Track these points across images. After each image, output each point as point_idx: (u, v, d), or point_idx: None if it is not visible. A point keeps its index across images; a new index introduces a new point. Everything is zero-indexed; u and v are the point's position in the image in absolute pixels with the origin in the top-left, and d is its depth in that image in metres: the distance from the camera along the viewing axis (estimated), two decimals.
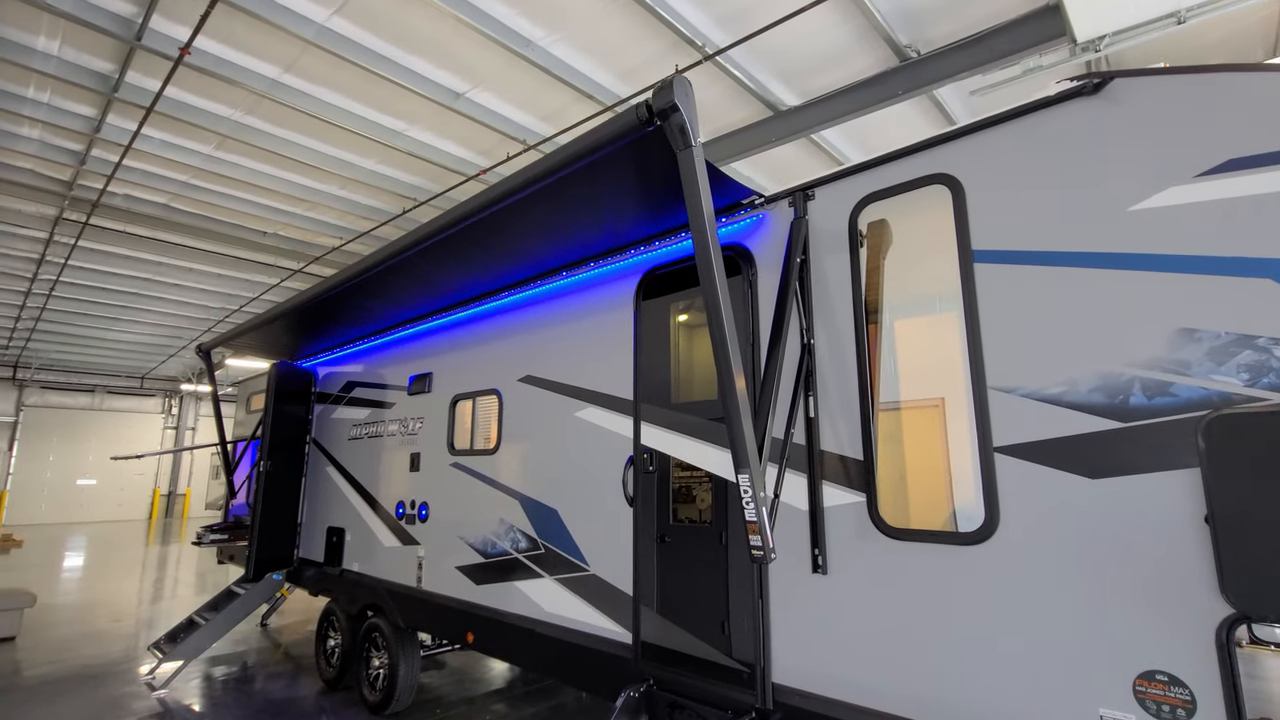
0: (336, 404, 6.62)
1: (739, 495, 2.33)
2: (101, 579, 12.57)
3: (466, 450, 4.78)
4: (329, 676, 6.02)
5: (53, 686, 6.08)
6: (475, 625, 4.36)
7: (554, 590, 3.83)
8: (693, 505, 3.22)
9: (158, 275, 16.71)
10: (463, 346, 5.02)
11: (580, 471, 3.82)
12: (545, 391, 4.16)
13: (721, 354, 2.31)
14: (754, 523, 2.29)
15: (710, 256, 2.32)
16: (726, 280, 3.16)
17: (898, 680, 2.42)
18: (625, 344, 3.68)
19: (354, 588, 5.73)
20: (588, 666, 3.55)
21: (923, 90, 7.28)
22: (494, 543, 4.34)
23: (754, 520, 2.29)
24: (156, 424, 29.72)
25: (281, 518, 6.60)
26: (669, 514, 3.32)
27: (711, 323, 2.33)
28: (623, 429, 3.60)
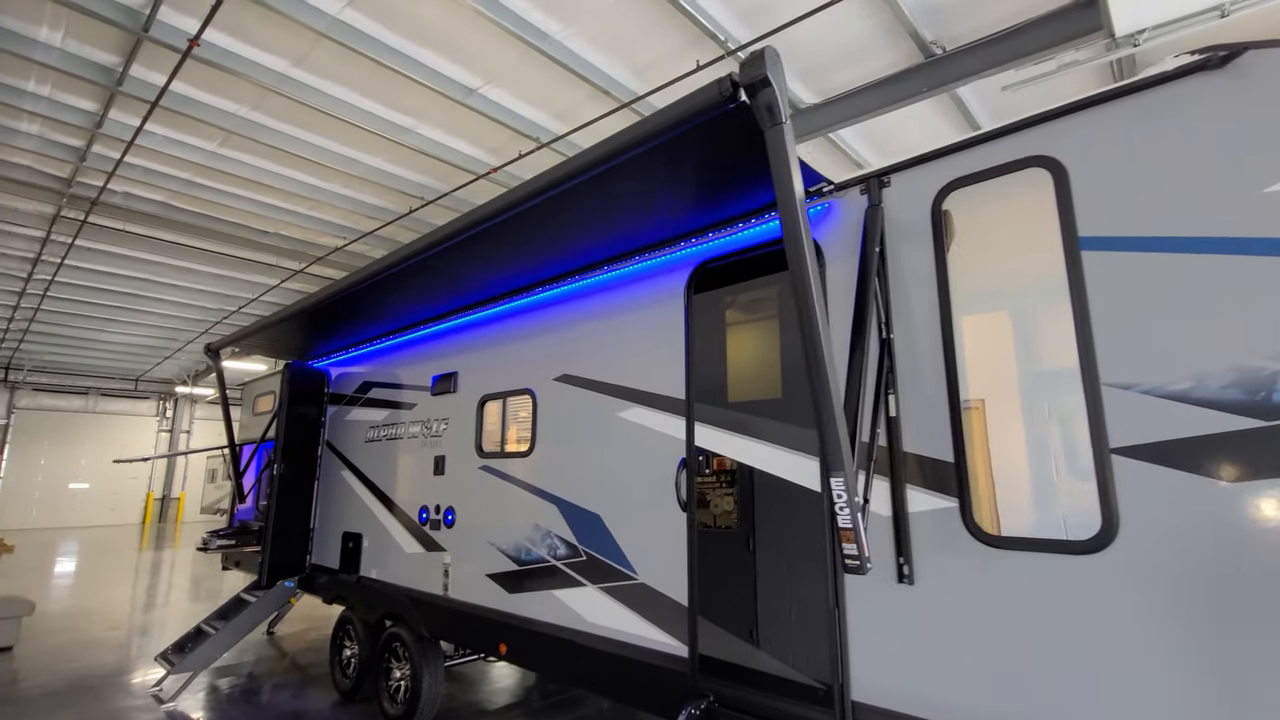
0: (352, 405, 6.42)
1: (830, 500, 2.16)
2: (96, 585, 12.27)
3: (497, 453, 4.59)
4: (345, 688, 5.81)
5: (54, 698, 5.84)
6: (509, 636, 4.17)
7: (597, 599, 3.65)
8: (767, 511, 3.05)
9: (155, 275, 16.42)
10: (491, 345, 4.84)
11: (625, 474, 3.64)
12: (585, 391, 3.98)
13: (813, 348, 2.15)
14: (849, 529, 2.12)
15: (801, 243, 2.15)
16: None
17: (994, 701, 2.25)
18: (675, 341, 3.51)
19: (373, 595, 5.52)
20: (636, 681, 3.36)
21: (948, 88, 7.16)
22: (528, 549, 4.15)
23: (849, 527, 2.12)
24: (151, 427, 29.32)
25: (294, 523, 6.38)
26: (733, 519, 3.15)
27: (802, 315, 2.16)
28: (672, 430, 3.43)
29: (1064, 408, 2.21)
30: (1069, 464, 2.18)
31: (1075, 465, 2.16)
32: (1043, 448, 2.25)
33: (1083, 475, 2.13)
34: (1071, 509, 2.16)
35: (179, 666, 5.74)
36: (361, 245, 14.74)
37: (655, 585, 3.37)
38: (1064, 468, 2.19)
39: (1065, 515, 2.18)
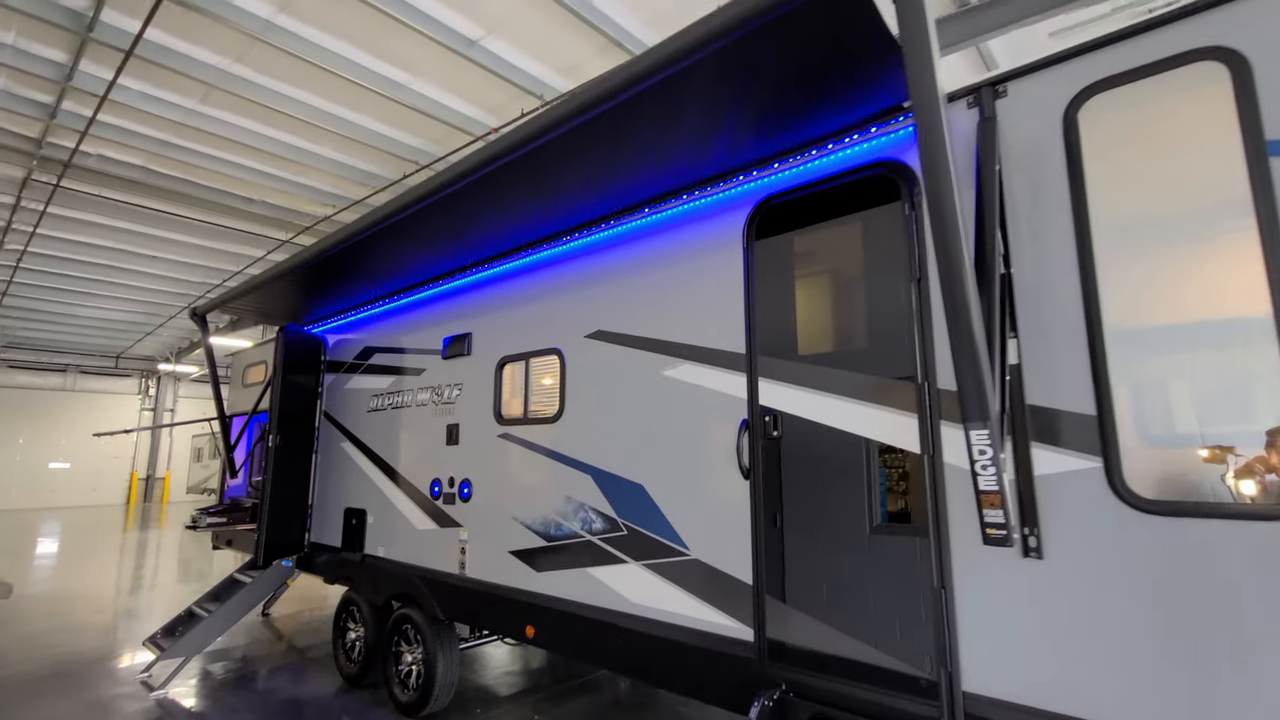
0: (352, 373, 5.97)
1: (971, 458, 1.78)
2: (78, 567, 11.79)
3: (519, 419, 4.19)
4: (350, 673, 5.44)
5: (34, 686, 5.43)
6: (537, 618, 3.80)
7: (642, 578, 3.28)
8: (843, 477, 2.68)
9: (134, 246, 15.70)
10: (510, 302, 4.41)
11: (673, 439, 3.26)
12: (623, 349, 3.58)
13: (954, 273, 1.76)
14: (993, 493, 1.76)
15: (942, 152, 1.76)
16: (885, 205, 2.61)
17: (1144, 695, 1.91)
18: (732, 289, 3.10)
19: (380, 575, 5.14)
20: (690, 668, 3.01)
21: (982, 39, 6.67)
22: (558, 524, 3.77)
23: (993, 489, 1.75)
24: (133, 405, 28.55)
25: (291, 499, 5.96)
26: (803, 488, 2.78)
27: (944, 232, 1.77)
28: (731, 388, 3.04)
29: (1246, 346, 1.84)
30: (1258, 412, 1.82)
31: (1266, 414, 1.80)
32: (1217, 393, 1.89)
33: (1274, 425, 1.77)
34: (1260, 467, 1.80)
35: (169, 651, 5.34)
36: (351, 214, 14.11)
37: (711, 562, 3.00)
38: (1248, 416, 1.83)
39: (1251, 476, 1.82)
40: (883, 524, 2.55)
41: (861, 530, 2.60)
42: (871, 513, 2.59)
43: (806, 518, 2.73)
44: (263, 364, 7.75)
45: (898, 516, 2.64)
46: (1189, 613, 1.87)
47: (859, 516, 2.61)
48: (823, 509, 2.69)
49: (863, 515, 2.61)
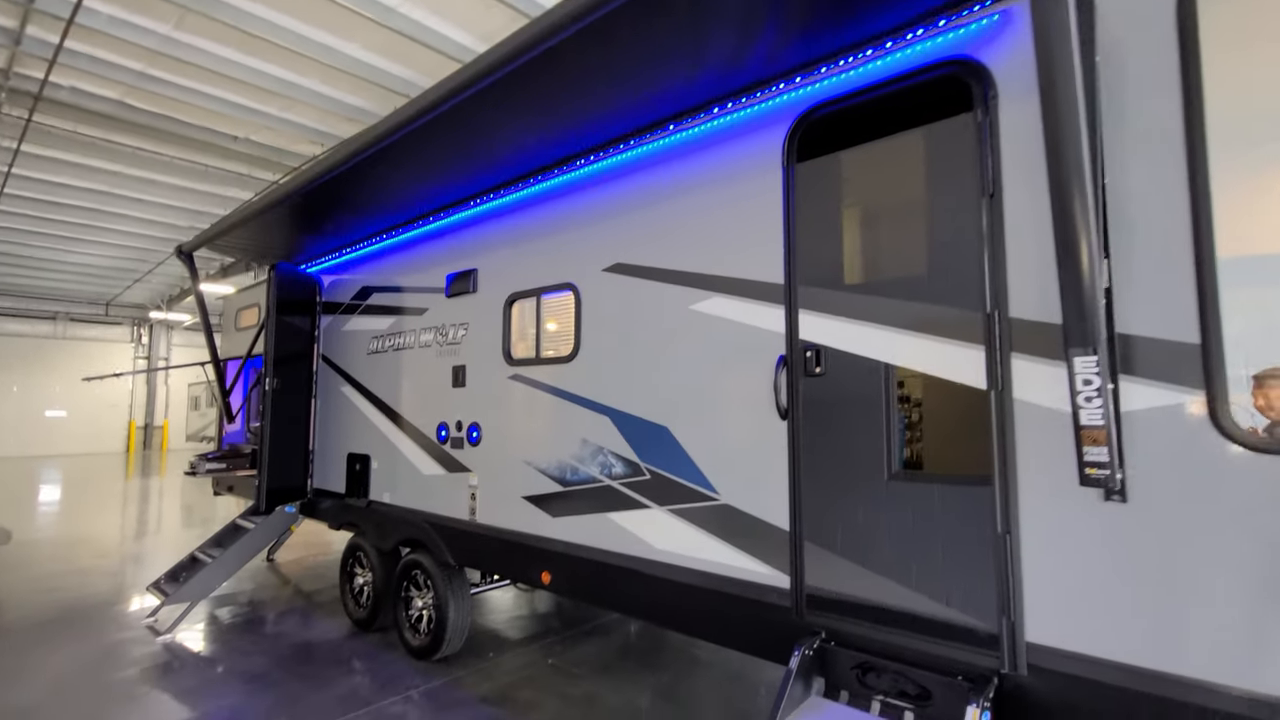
0: (350, 314, 5.70)
1: (1072, 388, 1.56)
2: (80, 514, 11.75)
3: (530, 359, 3.95)
4: (359, 617, 5.38)
5: (38, 632, 5.36)
6: (553, 564, 3.66)
7: (667, 524, 3.12)
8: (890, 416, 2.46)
9: (116, 188, 15.10)
10: (519, 235, 4.11)
11: (701, 378, 3.03)
12: (645, 282, 3.31)
13: (1068, 179, 1.50)
14: (1097, 428, 1.54)
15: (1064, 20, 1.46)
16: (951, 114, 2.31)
17: (1246, 647, 1.74)
18: (770, 214, 2.82)
19: (387, 521, 5.00)
20: (720, 615, 2.87)
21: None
22: (575, 468, 3.58)
23: (1097, 424, 1.54)
24: (126, 353, 28.23)
25: (292, 444, 5.78)
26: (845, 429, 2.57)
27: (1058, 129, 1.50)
28: (767, 321, 2.80)
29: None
30: None
31: None
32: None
33: None
34: None
35: (174, 596, 5.25)
36: None
37: (744, 507, 2.83)
38: None
39: None
40: (900, 470, 2.35)
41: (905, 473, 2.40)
42: (916, 455, 2.39)
43: (849, 460, 2.53)
44: (255, 306, 7.45)
45: (909, 465, 2.48)
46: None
47: (918, 457, 2.41)
48: (866, 450, 2.48)
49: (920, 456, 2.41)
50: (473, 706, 3.96)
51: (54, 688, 4.28)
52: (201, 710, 3.95)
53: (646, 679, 4.38)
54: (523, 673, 4.48)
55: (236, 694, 4.16)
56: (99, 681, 4.38)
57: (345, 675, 4.45)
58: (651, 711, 3.91)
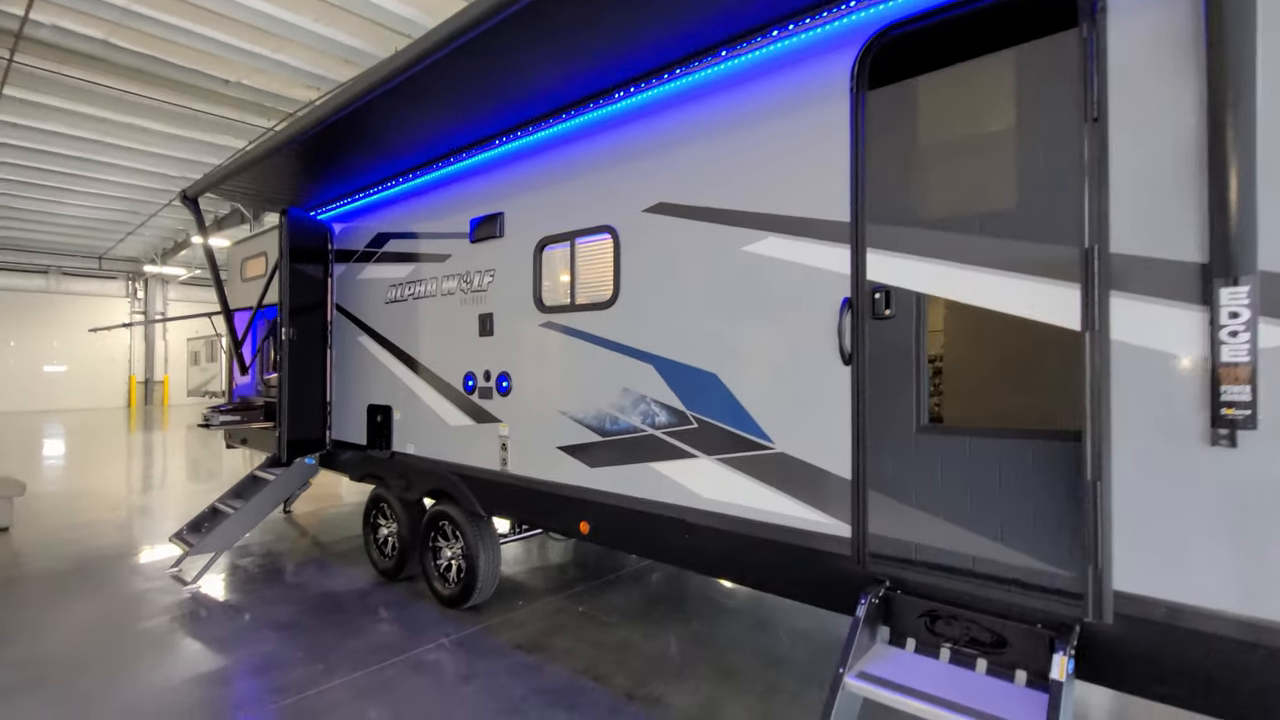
0: (364, 262, 5.51)
1: (1214, 323, 1.44)
2: (88, 467, 11.73)
3: (564, 306, 3.81)
4: (385, 567, 5.38)
5: (62, 581, 5.35)
6: (592, 514, 3.61)
7: (716, 473, 3.04)
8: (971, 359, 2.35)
9: (104, 135, 14.58)
10: (550, 176, 3.91)
11: (755, 324, 2.91)
12: (692, 223, 3.15)
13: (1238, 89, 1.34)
14: (1239, 365, 1.43)
15: None
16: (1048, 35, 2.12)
17: None
18: (833, 147, 2.64)
19: (412, 473, 4.94)
20: (773, 564, 2.82)
21: None
22: (614, 418, 3.49)
23: (1242, 361, 1.42)
24: (122, 308, 27.90)
25: (309, 396, 5.67)
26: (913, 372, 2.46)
27: (1226, 32, 1.33)
28: (829, 262, 2.65)
29: None
30: None
31: None
32: None
33: None
34: None
35: (198, 547, 5.23)
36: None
37: (801, 456, 2.74)
38: None
39: None
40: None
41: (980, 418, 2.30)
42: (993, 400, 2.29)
43: (919, 406, 2.43)
44: (262, 255, 7.24)
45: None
46: None
47: (982, 401, 2.31)
48: (935, 395, 2.38)
49: (985, 400, 2.31)
50: (508, 654, 3.97)
51: (87, 636, 4.28)
52: (235, 657, 3.94)
53: (677, 626, 4.39)
54: (554, 620, 4.49)
55: (269, 642, 4.16)
56: (131, 630, 4.38)
57: (376, 623, 4.46)
58: (685, 658, 3.92)
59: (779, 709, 3.36)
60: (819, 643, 4.13)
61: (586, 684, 3.61)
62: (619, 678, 3.68)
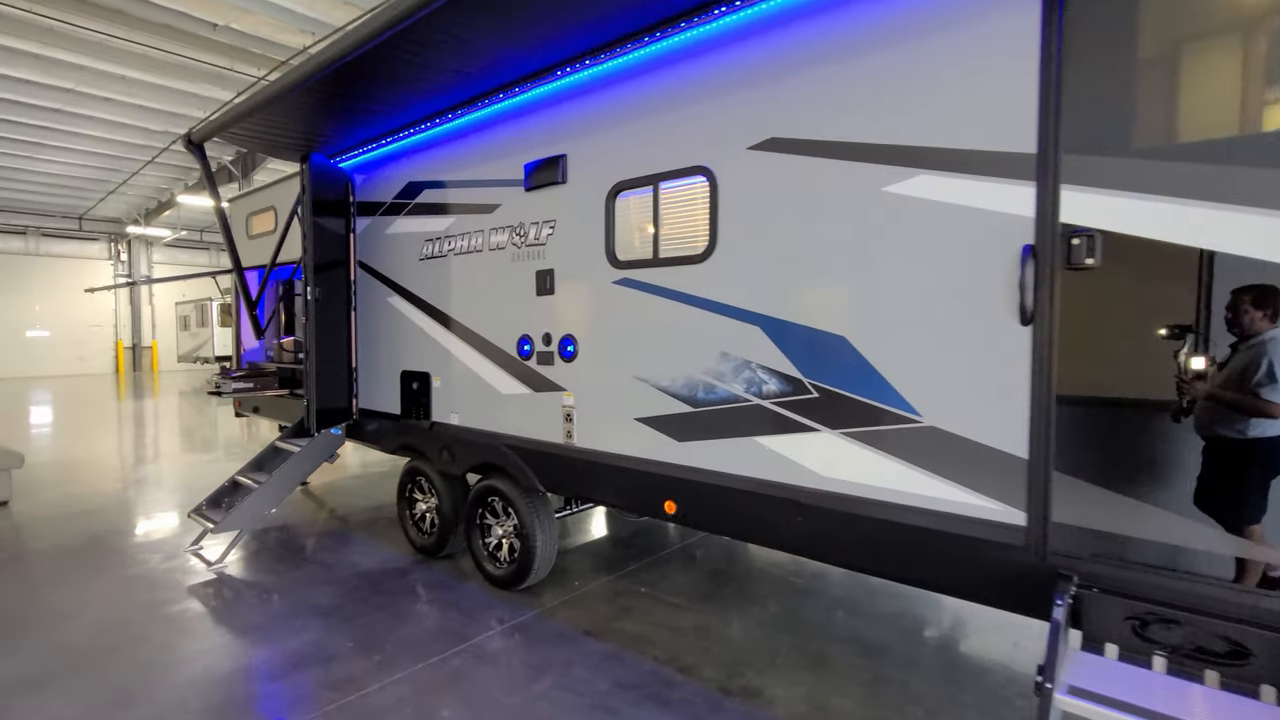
0: (393, 215, 5.02)
1: None
2: (81, 437, 11.25)
3: (645, 260, 3.38)
4: (423, 544, 5.03)
5: (75, 559, 4.96)
6: (680, 493, 3.25)
7: (841, 449, 2.67)
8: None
9: (83, 85, 13.65)
10: (624, 111, 3.43)
11: (899, 277, 2.50)
12: (815, 160, 2.71)
13: None
14: None
15: None
16: None
17: None
18: (1014, 63, 2.20)
19: (456, 445, 4.55)
20: (915, 553, 2.48)
21: None
22: (709, 386, 3.10)
23: None
24: (105, 271, 26.95)
25: (333, 361, 5.23)
26: None
27: None
28: (1002, 203, 2.24)
29: None
30: None
31: None
32: None
33: None
34: None
35: (222, 524, 4.84)
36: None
37: (959, 431, 2.37)
38: None
39: None
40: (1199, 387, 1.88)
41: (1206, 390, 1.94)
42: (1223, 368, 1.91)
43: (1126, 376, 2.06)
44: (270, 210, 6.69)
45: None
46: None
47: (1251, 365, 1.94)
48: (1154, 363, 2.01)
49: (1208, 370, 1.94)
50: (579, 641, 3.65)
51: (114, 622, 3.91)
52: (281, 648, 3.60)
53: (751, 608, 4.10)
54: (616, 603, 4.18)
55: (313, 629, 3.82)
56: (160, 615, 4.01)
57: (425, 607, 4.12)
58: (771, 644, 3.62)
59: (891, 702, 3.07)
60: (906, 626, 3.85)
61: (674, 676, 3.30)
62: (707, 668, 3.38)
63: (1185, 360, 2.19)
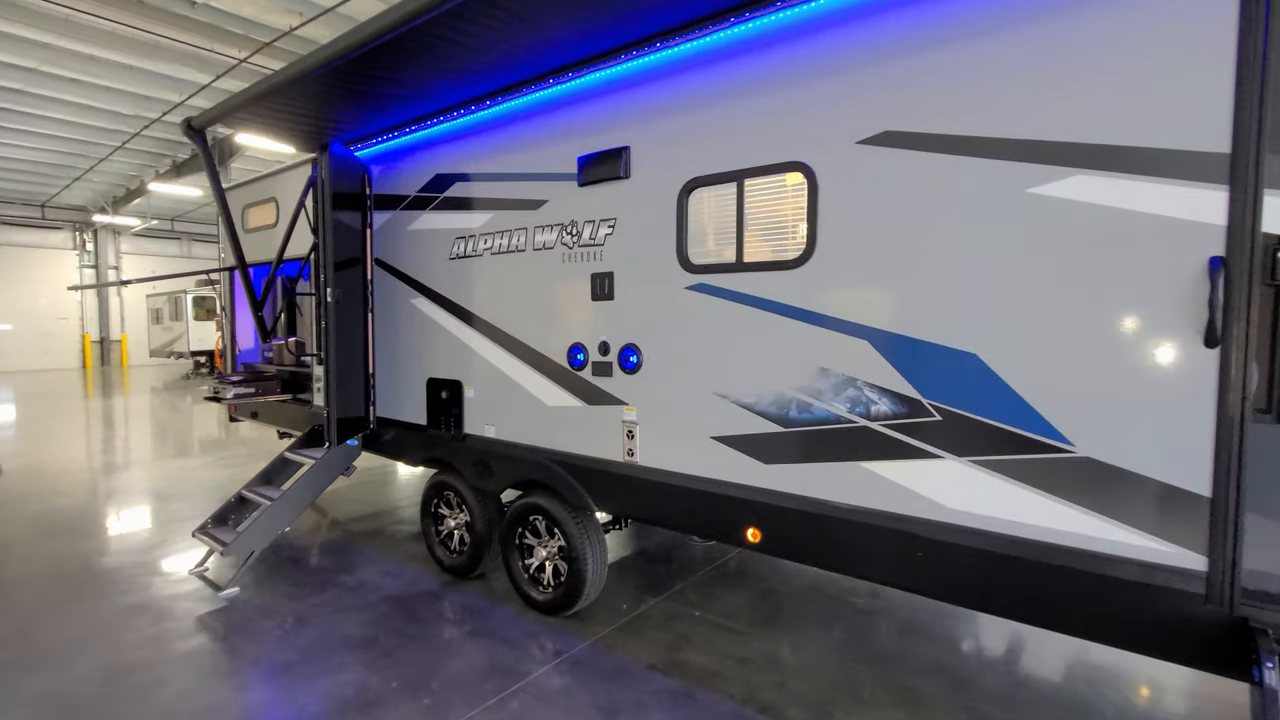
0: (418, 209, 4.64)
1: None
2: (53, 439, 10.60)
3: (726, 265, 3.07)
4: (453, 564, 4.69)
5: (69, 586, 4.53)
6: (766, 520, 2.97)
7: (969, 477, 2.41)
8: None
9: (47, 64, 12.86)
10: (701, 98, 3.12)
11: (1047, 289, 2.24)
12: (942, 157, 2.43)
13: None
14: None
15: None
16: None
17: None
18: (1204, 44, 1.94)
19: (494, 460, 4.22)
20: (1066, 598, 2.24)
21: None
22: (805, 404, 2.82)
23: None
24: (70, 262, 25.78)
25: (351, 366, 4.85)
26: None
27: None
28: (1182, 208, 1.99)
29: None
30: None
31: None
32: None
33: None
34: None
35: (232, 546, 4.44)
36: (321, 28, 11.67)
37: (1122, 463, 2.12)
38: None
39: None
40: None
41: None
42: None
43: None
44: (271, 202, 6.24)
45: None
46: None
47: None
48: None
49: None
50: (644, 678, 3.37)
51: (126, 661, 3.52)
52: (323, 691, 3.25)
53: (817, 634, 3.85)
54: (673, 630, 3.90)
55: (350, 668, 3.47)
56: (174, 651, 3.63)
57: (466, 637, 3.80)
58: (851, 677, 3.38)
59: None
60: (989, 654, 3.64)
61: (757, 718, 3.03)
62: (790, 707, 3.12)
63: None
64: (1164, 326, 2.04)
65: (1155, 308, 2.05)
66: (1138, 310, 2.08)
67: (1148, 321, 2.07)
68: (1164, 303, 2.04)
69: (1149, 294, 2.06)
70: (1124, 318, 2.11)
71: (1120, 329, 2.11)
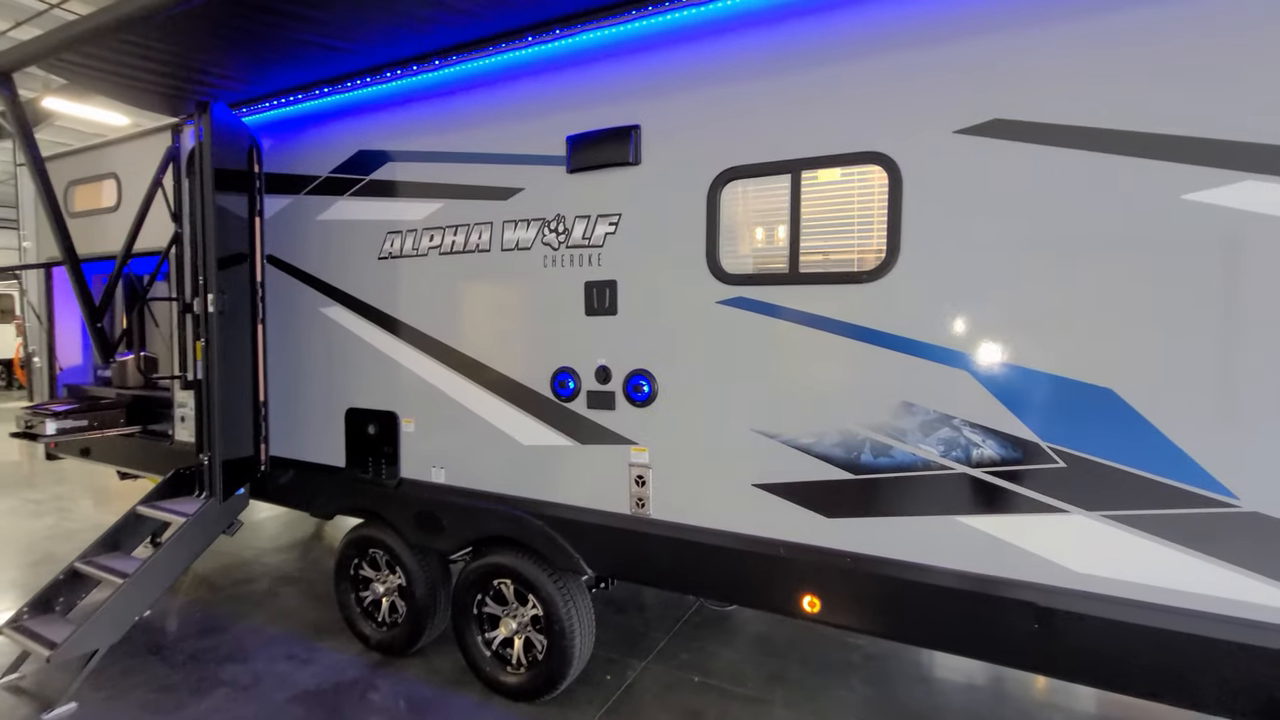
0: (332, 194, 3.67)
1: None
2: None
3: (773, 275, 2.51)
4: (382, 639, 3.75)
5: None
6: (827, 583, 2.45)
7: (1105, 535, 2.03)
8: None
9: None
10: (743, 70, 2.54)
11: (1206, 315, 1.89)
12: (1069, 153, 2.02)
13: None
14: None
15: None
16: None
17: None
18: None
19: (441, 511, 3.37)
20: (1246, 678, 1.89)
21: None
22: (883, 446, 2.33)
23: None
24: None
25: (234, 393, 3.75)
26: None
27: None
28: None
29: None
30: None
31: None
32: None
33: None
34: None
35: (65, 647, 3.21)
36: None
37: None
38: None
39: None
40: None
41: None
42: None
43: None
44: (110, 179, 4.85)
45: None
46: None
47: None
48: None
49: None
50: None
51: None
52: None
53: (838, 692, 3.41)
54: (678, 705, 3.28)
55: None
56: None
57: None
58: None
59: None
60: (1022, 707, 3.37)
61: None
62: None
63: None
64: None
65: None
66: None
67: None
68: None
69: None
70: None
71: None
